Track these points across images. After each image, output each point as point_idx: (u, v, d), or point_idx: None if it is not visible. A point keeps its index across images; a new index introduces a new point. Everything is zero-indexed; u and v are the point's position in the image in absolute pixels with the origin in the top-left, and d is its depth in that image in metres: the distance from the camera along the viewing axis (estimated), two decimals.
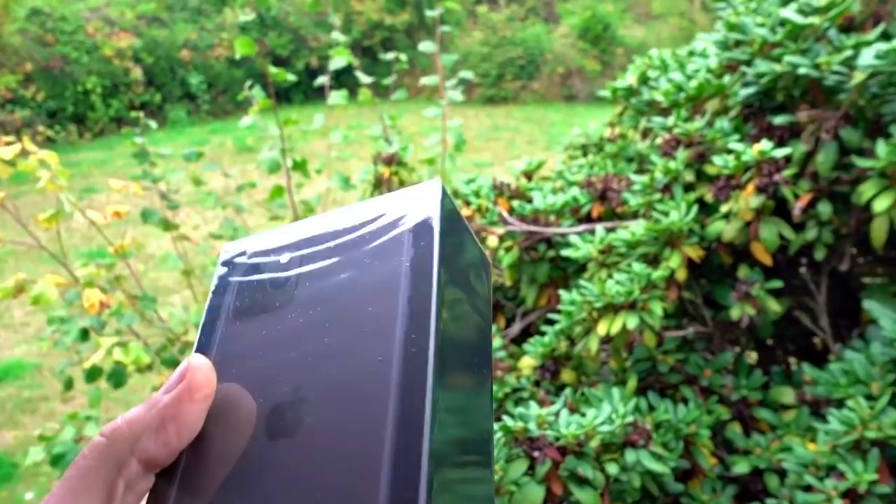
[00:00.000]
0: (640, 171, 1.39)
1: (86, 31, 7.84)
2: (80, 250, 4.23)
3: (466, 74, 2.39)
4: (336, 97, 2.16)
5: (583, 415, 0.88)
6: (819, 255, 1.03)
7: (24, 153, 1.88)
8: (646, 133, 1.50)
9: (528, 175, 1.60)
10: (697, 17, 8.20)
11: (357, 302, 0.32)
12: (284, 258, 0.35)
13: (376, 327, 0.31)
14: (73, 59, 7.60)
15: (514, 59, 8.38)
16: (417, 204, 0.34)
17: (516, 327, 1.36)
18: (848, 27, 1.09)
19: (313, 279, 0.34)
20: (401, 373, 0.29)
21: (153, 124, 2.22)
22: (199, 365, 0.30)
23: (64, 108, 7.55)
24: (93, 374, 1.72)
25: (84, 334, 1.65)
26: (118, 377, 1.76)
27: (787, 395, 1.03)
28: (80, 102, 7.64)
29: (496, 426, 0.85)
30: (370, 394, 0.29)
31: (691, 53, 1.49)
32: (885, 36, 1.03)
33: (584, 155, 1.78)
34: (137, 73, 7.99)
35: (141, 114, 2.21)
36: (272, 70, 1.84)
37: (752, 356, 1.30)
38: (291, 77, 1.85)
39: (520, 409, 0.86)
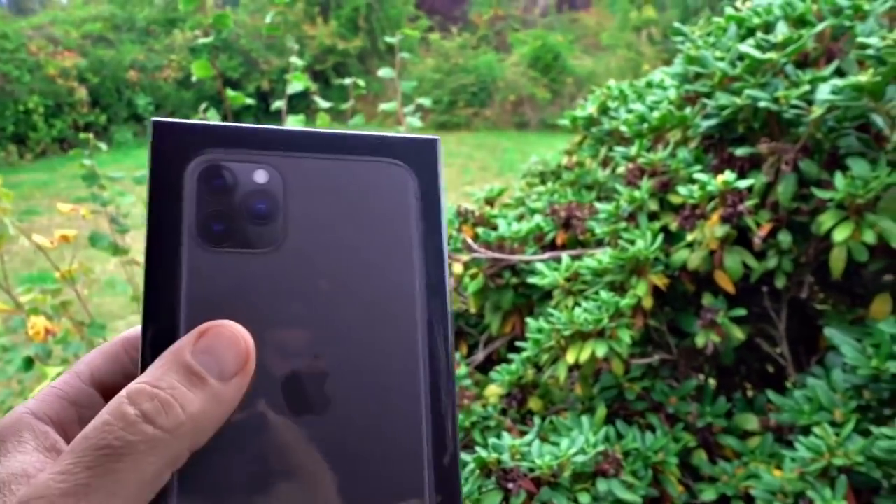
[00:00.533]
0: (599, 199, 1.41)
1: (28, 50, 7.64)
2: (20, 275, 4.07)
3: (424, 101, 2.39)
4: (293, 122, 2.13)
5: (555, 444, 0.88)
6: (779, 283, 1.05)
7: None
8: (606, 162, 1.52)
9: (490, 202, 1.60)
10: (644, 50, 8.43)
11: (361, 246, 0.30)
12: (261, 175, 0.30)
13: (388, 276, 0.30)
14: (15, 78, 7.38)
15: (466, 86, 8.47)
16: (416, 149, 0.32)
17: (480, 355, 1.35)
18: (803, 63, 1.12)
19: (303, 210, 0.29)
20: (425, 337, 0.29)
21: (103, 145, 2.16)
22: (253, 355, 0.27)
23: (4, 127, 7.31)
24: None
25: (28, 363, 1.58)
26: None
27: (750, 421, 1.05)
28: (21, 122, 7.41)
29: (469, 457, 0.83)
30: (398, 367, 0.29)
31: (649, 85, 1.53)
32: (839, 72, 1.07)
33: (543, 182, 1.79)
34: (82, 93, 7.80)
35: (90, 135, 2.15)
36: (230, 93, 1.81)
37: (710, 383, 1.32)
38: (249, 101, 1.83)
39: (493, 440, 0.85)
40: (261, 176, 0.30)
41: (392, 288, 0.29)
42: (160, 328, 0.27)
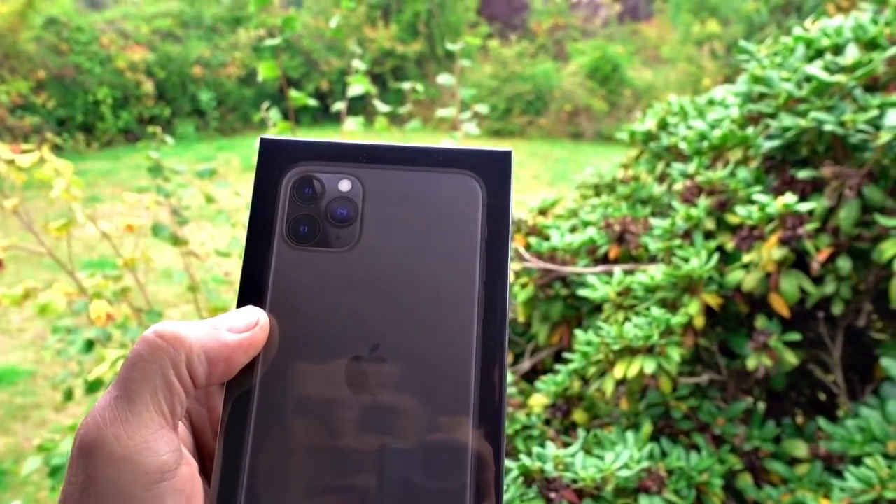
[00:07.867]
0: (654, 215, 1.40)
1: (100, 43, 7.91)
2: (80, 260, 4.22)
3: (482, 108, 2.41)
4: (352, 123, 2.17)
5: (598, 457, 0.88)
6: (836, 309, 1.03)
7: (41, 161, 1.89)
8: (662, 177, 1.51)
9: (543, 212, 1.61)
10: (705, 64, 8.30)
11: (428, 248, 0.33)
12: (345, 185, 0.33)
13: (451, 276, 0.32)
14: (86, 70, 7.66)
15: (522, 94, 8.46)
16: (487, 161, 0.35)
17: (526, 364, 1.36)
18: (872, 87, 1.10)
19: (379, 215, 0.33)
20: (480, 334, 0.31)
21: (169, 139, 2.24)
22: (266, 326, 0.32)
23: (73, 116, 7.59)
24: (94, 386, 1.71)
25: (89, 345, 1.64)
26: None
27: (799, 448, 1.03)
28: (90, 112, 7.68)
29: (513, 464, 0.84)
30: (451, 357, 0.31)
31: (711, 102, 1.51)
32: None
33: (597, 194, 1.79)
34: (149, 86, 8.05)
35: (158, 128, 2.22)
36: (294, 94, 1.85)
37: (759, 406, 1.30)
38: (312, 102, 1.87)
39: (537, 449, 0.86)
40: (345, 185, 0.33)
41: (453, 287, 0.32)
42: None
